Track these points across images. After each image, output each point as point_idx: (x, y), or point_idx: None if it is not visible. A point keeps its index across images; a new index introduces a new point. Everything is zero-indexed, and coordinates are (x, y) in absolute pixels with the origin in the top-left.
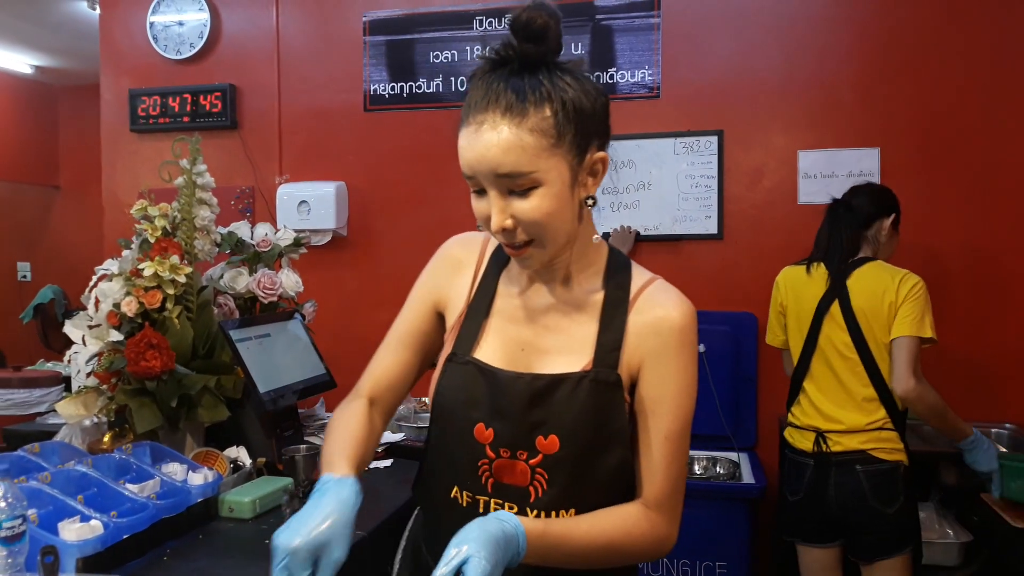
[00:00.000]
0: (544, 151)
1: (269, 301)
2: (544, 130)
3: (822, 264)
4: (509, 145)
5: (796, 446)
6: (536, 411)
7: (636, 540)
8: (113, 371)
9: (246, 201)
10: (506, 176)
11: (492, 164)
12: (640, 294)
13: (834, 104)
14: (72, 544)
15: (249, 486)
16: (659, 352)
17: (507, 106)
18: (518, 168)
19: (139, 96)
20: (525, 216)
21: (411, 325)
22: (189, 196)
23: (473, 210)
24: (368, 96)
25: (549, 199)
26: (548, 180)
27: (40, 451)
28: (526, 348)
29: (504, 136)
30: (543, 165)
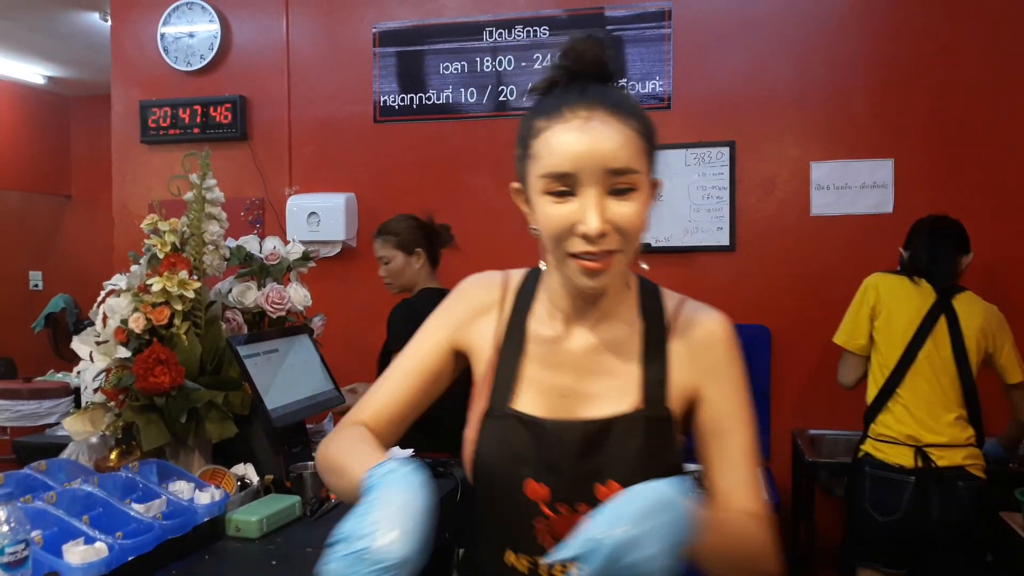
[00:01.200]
0: (644, 155)
1: (278, 316)
2: (642, 134)
3: (923, 281)
4: (625, 140)
5: (890, 462)
6: (591, 459)
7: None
8: (121, 388)
9: (256, 212)
10: (617, 172)
11: (606, 157)
12: (676, 319)
13: (847, 115)
14: (76, 567)
15: (256, 504)
16: (715, 369)
17: (614, 105)
18: (630, 164)
19: (150, 107)
20: (623, 220)
21: (423, 361)
22: (199, 211)
23: (548, 219)
24: (378, 107)
25: (643, 205)
26: (643, 187)
27: (47, 468)
28: (567, 394)
29: (619, 131)
30: (643, 168)
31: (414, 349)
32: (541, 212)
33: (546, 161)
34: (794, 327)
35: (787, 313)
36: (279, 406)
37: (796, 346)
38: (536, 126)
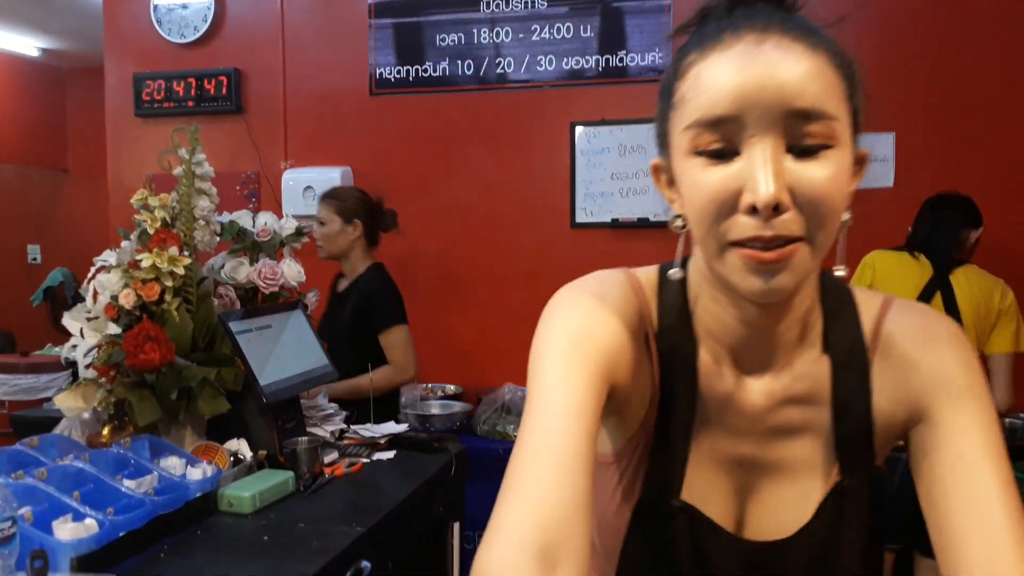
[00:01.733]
0: (844, 100)
1: (270, 291)
2: (842, 72)
3: (922, 256)
4: (815, 71)
5: None
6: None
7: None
8: (112, 364)
9: (252, 187)
10: (803, 114)
11: (786, 91)
12: (878, 334)
13: None
14: (67, 543)
15: (250, 480)
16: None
17: (795, 26)
18: (823, 105)
19: (143, 80)
20: (812, 187)
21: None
22: (188, 186)
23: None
24: (374, 80)
25: (842, 168)
26: (842, 142)
27: (39, 444)
28: (746, 470)
29: (806, 57)
30: (844, 117)
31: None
32: (688, 182)
33: (693, 105)
34: None
35: None
36: (272, 382)
37: None
38: (684, 63)
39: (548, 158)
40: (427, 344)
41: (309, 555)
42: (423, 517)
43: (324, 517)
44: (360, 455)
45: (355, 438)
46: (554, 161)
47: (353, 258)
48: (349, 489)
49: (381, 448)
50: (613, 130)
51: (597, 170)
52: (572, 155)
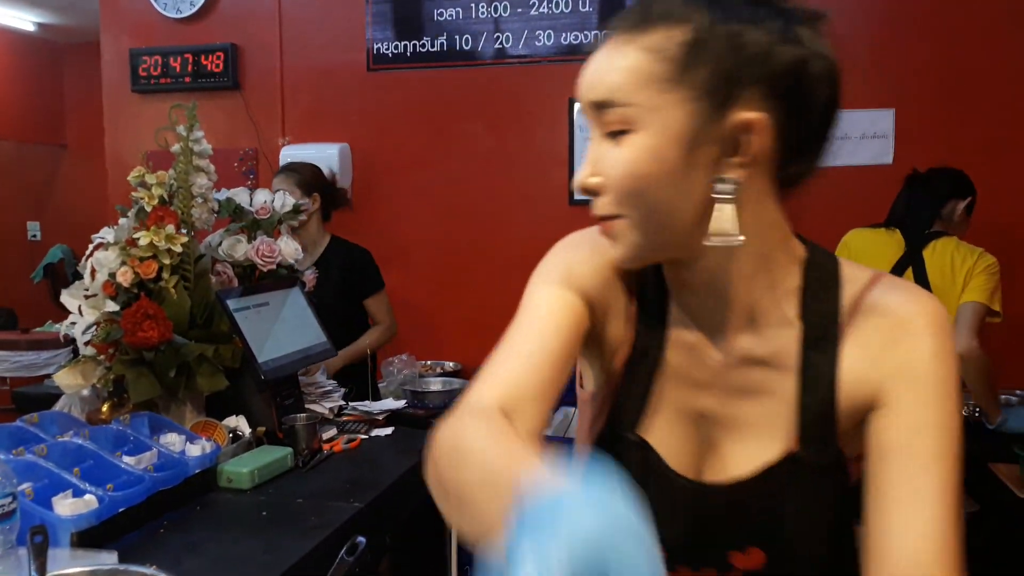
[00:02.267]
0: (654, 83)
1: (268, 269)
2: (663, 53)
3: (897, 231)
4: (612, 65)
5: None
6: (724, 520)
7: None
8: (110, 341)
9: (250, 163)
10: (595, 106)
11: (586, 86)
12: (857, 308)
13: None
14: (66, 519)
15: (248, 456)
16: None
17: (633, 22)
18: (610, 95)
19: (140, 56)
20: (612, 168)
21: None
22: (186, 164)
23: None
24: (372, 55)
25: (645, 152)
26: (647, 125)
27: (39, 421)
28: (706, 422)
29: (614, 52)
30: (646, 101)
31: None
32: None
33: None
34: None
35: None
36: (270, 359)
37: None
38: None
39: (546, 134)
40: (425, 321)
41: (307, 530)
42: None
43: (322, 493)
44: (358, 431)
45: (353, 415)
46: (552, 137)
47: (311, 231)
48: (347, 465)
49: (379, 424)
50: None
51: None
52: (570, 131)
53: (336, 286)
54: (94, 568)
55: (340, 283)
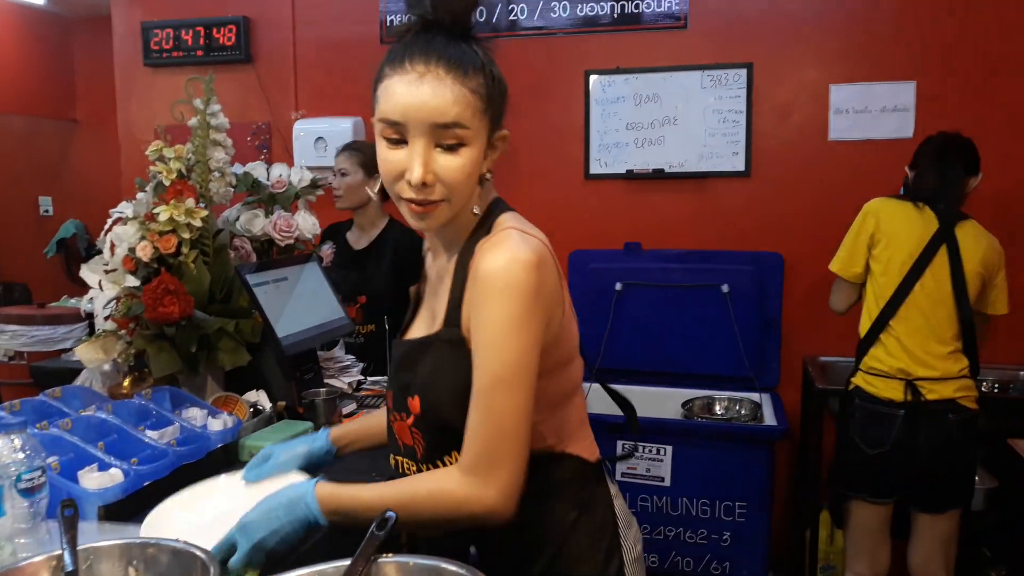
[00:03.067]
0: (478, 113)
1: (286, 244)
2: (480, 93)
3: (927, 207)
4: (456, 98)
5: (880, 396)
6: (404, 375)
7: (440, 503)
8: (131, 316)
9: (263, 137)
10: (444, 127)
11: (435, 112)
12: (479, 250)
13: (868, 35)
14: (93, 492)
15: (269, 430)
16: (474, 304)
17: (451, 63)
18: (460, 120)
19: (152, 29)
20: (449, 173)
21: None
22: (203, 138)
23: (383, 162)
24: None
25: (471, 160)
26: (473, 142)
27: (61, 395)
28: (429, 316)
29: (450, 88)
30: (475, 125)
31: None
32: (379, 154)
33: (382, 107)
34: (809, 254)
35: (802, 240)
36: (290, 334)
37: (810, 273)
38: (383, 71)
39: (562, 108)
40: None
41: None
42: None
43: (343, 467)
44: (377, 406)
45: (372, 389)
46: (568, 111)
47: (371, 212)
48: None
49: None
50: (628, 79)
51: (612, 120)
52: (586, 105)
53: (388, 268)
54: (126, 541)
55: (392, 266)
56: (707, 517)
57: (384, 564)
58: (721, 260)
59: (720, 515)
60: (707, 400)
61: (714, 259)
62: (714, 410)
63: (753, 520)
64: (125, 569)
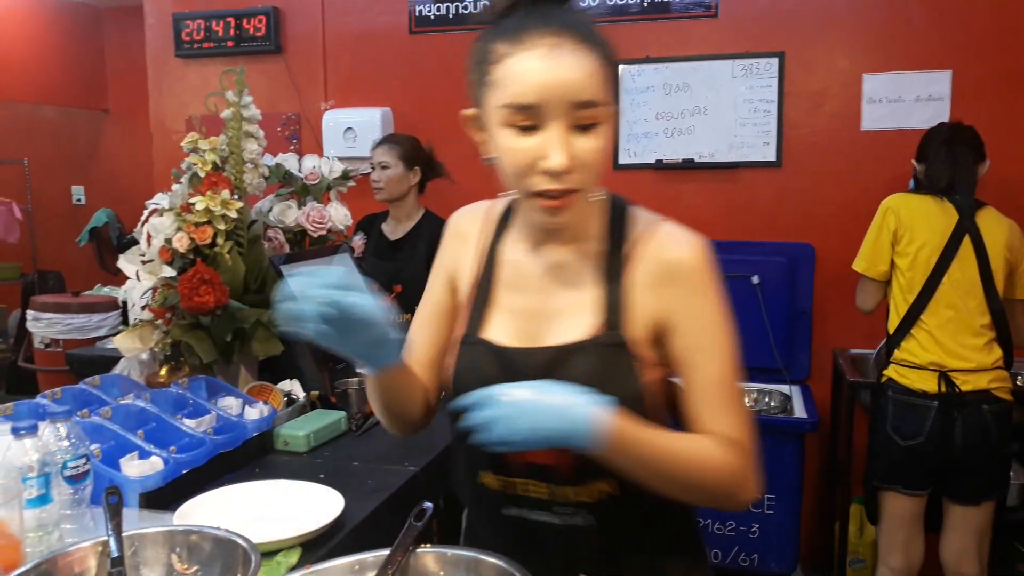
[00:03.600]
0: (609, 87)
1: (319, 235)
2: (609, 63)
3: (944, 198)
4: (593, 70)
5: (914, 387)
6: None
7: (723, 474)
8: (167, 306)
9: (292, 128)
10: (584, 105)
11: (573, 89)
12: (641, 242)
13: (902, 23)
14: (135, 480)
15: (303, 419)
16: (683, 299)
17: (580, 33)
18: (596, 96)
19: (183, 20)
20: (587, 156)
21: (433, 304)
22: (236, 130)
23: (509, 152)
24: (413, 18)
25: (607, 139)
26: (608, 119)
27: (100, 384)
28: (535, 317)
29: (587, 60)
30: (609, 101)
31: (426, 294)
32: (502, 145)
33: (509, 91)
34: (840, 245)
35: (834, 231)
36: None
37: (841, 265)
38: (497, 50)
39: None
40: None
41: (366, 493)
42: None
43: (377, 456)
44: None
45: None
46: None
47: (408, 203)
48: None
49: None
50: (658, 68)
51: (641, 110)
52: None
53: (423, 259)
54: (169, 528)
55: (427, 256)
56: None
57: (423, 554)
58: (751, 251)
59: (749, 507)
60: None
61: (744, 250)
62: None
63: (782, 512)
64: (168, 556)
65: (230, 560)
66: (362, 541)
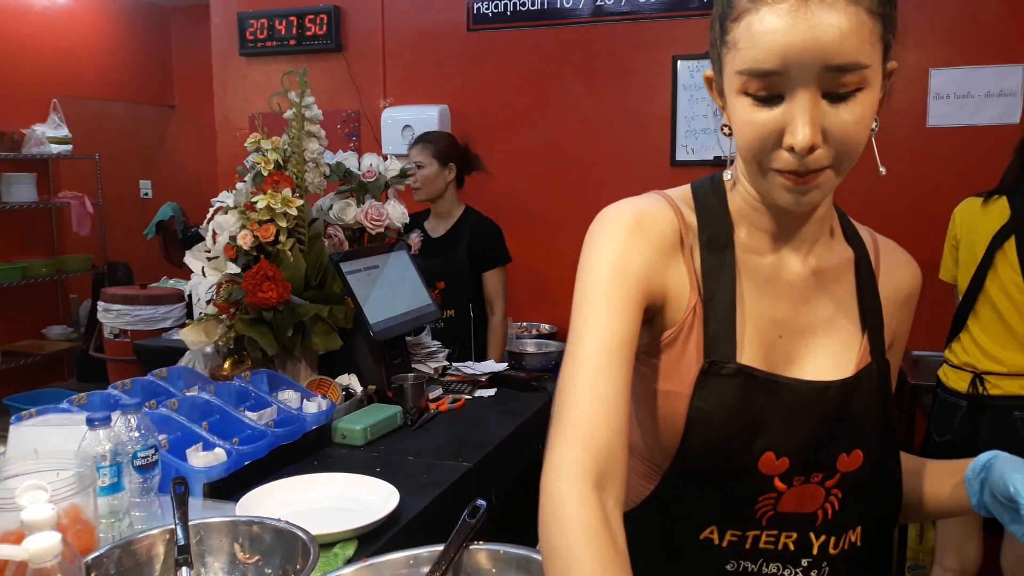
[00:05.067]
0: (878, 42)
1: (377, 232)
2: (881, 13)
3: (1003, 198)
4: (854, 26)
5: (950, 386)
6: (836, 422)
7: None
8: (232, 302)
9: (352, 125)
10: (840, 69)
11: (827, 51)
12: (878, 253)
13: (973, 15)
14: (200, 470)
15: (360, 413)
16: (907, 323)
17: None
18: (857, 58)
19: (247, 19)
20: (842, 131)
21: (626, 335)
22: (298, 129)
23: (746, 126)
24: (471, 14)
25: (871, 107)
26: (872, 82)
27: (167, 376)
28: (785, 334)
29: (846, 14)
30: (876, 61)
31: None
32: (737, 116)
33: (747, 54)
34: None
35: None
36: (380, 320)
37: None
38: (737, 5)
39: (648, 94)
40: (520, 282)
41: (421, 487)
42: (525, 456)
43: (431, 451)
44: (463, 392)
45: (457, 375)
46: (654, 97)
47: (448, 200)
48: (453, 424)
49: (482, 385)
50: None
51: (699, 106)
52: (674, 90)
53: (465, 255)
54: (232, 518)
55: (468, 254)
56: None
57: (476, 551)
58: None
59: None
60: None
61: None
62: None
63: None
64: (231, 545)
65: (290, 551)
66: (416, 535)
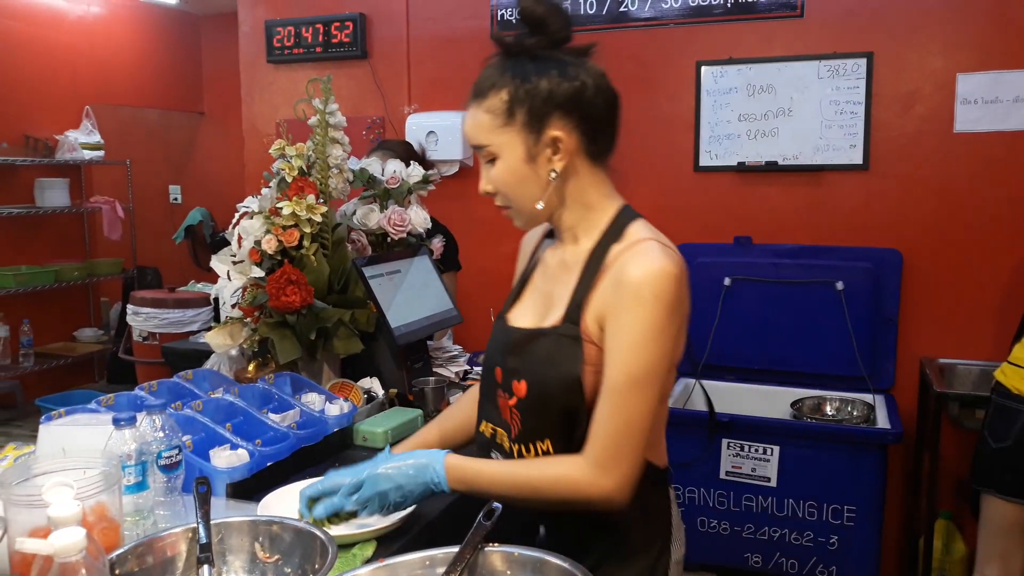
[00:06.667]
0: (497, 128)
1: (399, 237)
2: (496, 110)
3: None
4: (476, 123)
5: (1011, 389)
6: (513, 359)
7: (561, 488)
8: (256, 305)
9: (377, 131)
10: (474, 147)
11: (469, 139)
12: (620, 253)
13: (1001, 19)
14: (223, 471)
15: (381, 416)
16: (615, 307)
17: (475, 91)
18: (477, 140)
19: (275, 27)
20: (495, 182)
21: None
22: (322, 136)
23: None
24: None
25: (504, 170)
26: (503, 153)
27: (193, 378)
28: (541, 302)
29: (473, 116)
30: (496, 140)
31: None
32: None
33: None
34: (929, 251)
35: (922, 236)
36: (402, 324)
37: (930, 271)
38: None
39: (671, 99)
40: None
41: None
42: None
43: None
44: None
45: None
46: (678, 102)
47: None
48: None
49: None
50: (741, 69)
51: (723, 111)
52: (697, 96)
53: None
54: (253, 518)
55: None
56: (814, 520)
57: (490, 553)
58: (836, 256)
59: (828, 518)
60: (817, 400)
61: (829, 255)
62: (824, 410)
63: (863, 525)
64: (252, 544)
65: (309, 551)
66: (433, 537)
